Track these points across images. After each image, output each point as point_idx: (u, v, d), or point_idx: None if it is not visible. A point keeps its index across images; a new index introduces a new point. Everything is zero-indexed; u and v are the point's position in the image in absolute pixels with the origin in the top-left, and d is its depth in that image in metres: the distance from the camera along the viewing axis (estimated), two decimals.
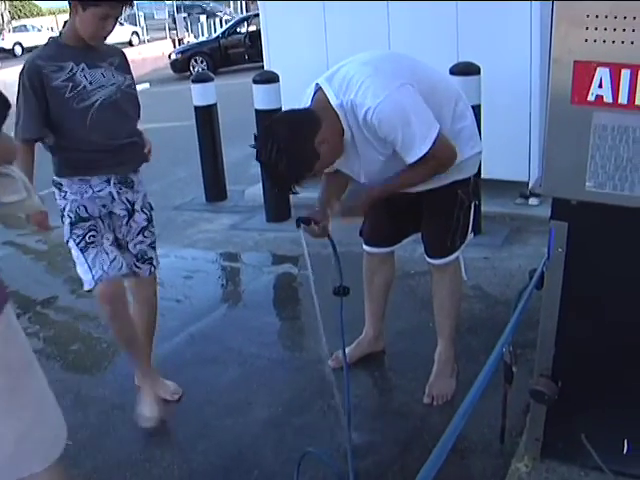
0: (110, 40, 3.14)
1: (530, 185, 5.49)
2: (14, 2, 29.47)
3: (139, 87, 3.37)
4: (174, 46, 25.68)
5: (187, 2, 34.09)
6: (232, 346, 3.49)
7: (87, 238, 3.13)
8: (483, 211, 4.95)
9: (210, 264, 5.22)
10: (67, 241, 3.19)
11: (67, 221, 3.15)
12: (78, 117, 3.00)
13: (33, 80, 2.94)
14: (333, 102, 2.70)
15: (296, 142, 2.60)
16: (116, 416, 3.38)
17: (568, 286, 2.32)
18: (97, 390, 3.60)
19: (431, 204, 3.09)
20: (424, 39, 5.55)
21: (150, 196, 3.35)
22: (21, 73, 2.97)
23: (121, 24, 36.92)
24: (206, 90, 6.45)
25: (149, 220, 3.33)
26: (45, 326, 4.48)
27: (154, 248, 3.37)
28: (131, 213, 3.24)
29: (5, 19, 20.34)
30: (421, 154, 2.68)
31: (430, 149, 2.66)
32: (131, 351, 3.33)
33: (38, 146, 3.06)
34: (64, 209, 3.16)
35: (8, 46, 32.48)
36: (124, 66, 3.21)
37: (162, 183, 7.41)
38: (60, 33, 3.09)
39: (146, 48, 25.98)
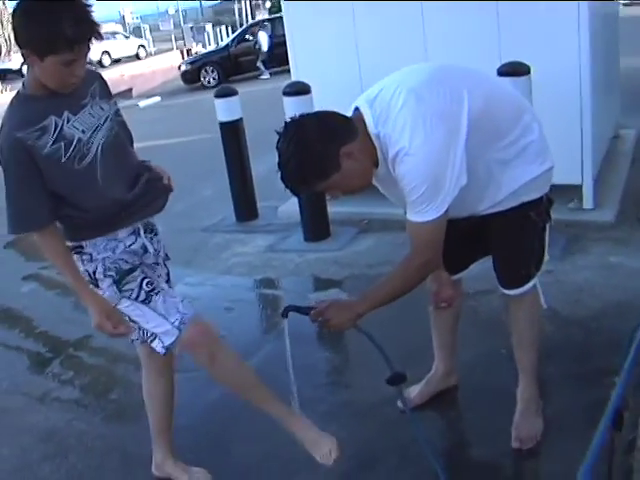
0: (117, 54, 2.74)
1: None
2: None
3: (150, 101, 3.01)
4: (182, 57, 25.54)
5: None
6: (286, 390, 3.13)
7: (145, 287, 2.61)
8: None
9: (250, 292, 4.89)
10: (117, 305, 2.63)
11: (108, 283, 2.60)
12: (85, 179, 2.50)
13: (19, 157, 2.41)
14: (371, 130, 2.42)
15: (320, 140, 2.33)
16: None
17: None
18: (145, 446, 3.21)
19: (500, 229, 2.77)
20: (462, 41, 5.24)
21: (175, 218, 3.00)
22: (0, 152, 2.44)
23: (127, 37, 36.93)
24: (230, 105, 6.14)
25: (168, 275, 2.86)
26: (80, 371, 4.18)
27: None
28: (158, 264, 2.81)
29: (12, 40, 20.20)
30: (429, 218, 2.41)
31: (436, 219, 2.41)
32: (263, 399, 2.87)
33: None
34: (94, 273, 2.60)
35: (16, 67, 32.22)
36: (105, 90, 2.65)
37: (186, 203, 6.87)
38: (23, 84, 2.49)
39: (155, 61, 25.78)
